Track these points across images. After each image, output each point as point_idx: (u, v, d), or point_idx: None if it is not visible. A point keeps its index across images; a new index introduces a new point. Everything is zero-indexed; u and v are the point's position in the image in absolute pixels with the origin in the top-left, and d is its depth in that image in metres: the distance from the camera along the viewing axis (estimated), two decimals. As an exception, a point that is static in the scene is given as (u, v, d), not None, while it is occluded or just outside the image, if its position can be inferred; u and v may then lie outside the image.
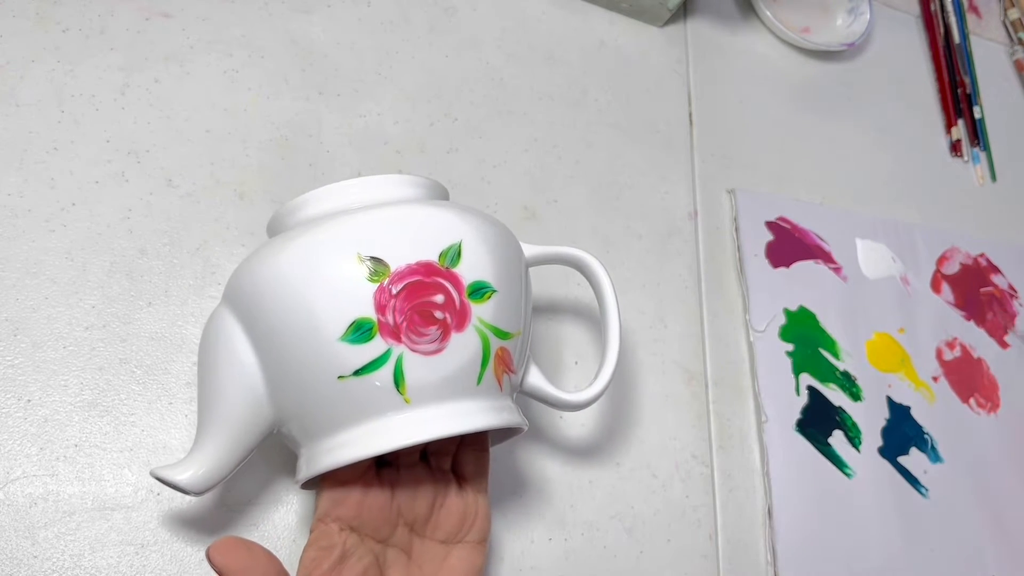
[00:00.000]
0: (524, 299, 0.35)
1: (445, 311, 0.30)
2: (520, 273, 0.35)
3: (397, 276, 0.30)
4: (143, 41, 0.45)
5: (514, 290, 0.33)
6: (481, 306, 0.31)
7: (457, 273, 0.31)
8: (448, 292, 0.31)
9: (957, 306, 0.60)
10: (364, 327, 0.29)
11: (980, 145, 0.68)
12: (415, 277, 0.30)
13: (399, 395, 0.30)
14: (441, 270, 0.30)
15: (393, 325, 0.30)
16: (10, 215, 0.39)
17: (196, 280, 0.41)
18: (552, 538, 0.42)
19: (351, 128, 0.47)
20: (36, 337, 0.37)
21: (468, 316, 0.31)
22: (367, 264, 0.30)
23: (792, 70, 0.64)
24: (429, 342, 0.30)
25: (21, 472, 0.35)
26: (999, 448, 0.56)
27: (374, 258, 0.30)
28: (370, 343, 0.29)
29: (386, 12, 0.52)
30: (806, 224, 0.57)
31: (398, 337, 0.30)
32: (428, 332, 0.30)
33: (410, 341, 0.30)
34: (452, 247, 0.31)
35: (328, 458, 0.30)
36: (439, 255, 0.31)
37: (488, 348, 0.32)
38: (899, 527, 0.49)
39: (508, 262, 0.33)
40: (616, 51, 0.58)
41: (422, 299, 0.30)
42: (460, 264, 0.31)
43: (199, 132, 0.44)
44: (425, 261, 0.30)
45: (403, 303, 0.30)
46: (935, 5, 0.73)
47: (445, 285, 0.31)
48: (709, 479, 0.47)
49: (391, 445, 0.30)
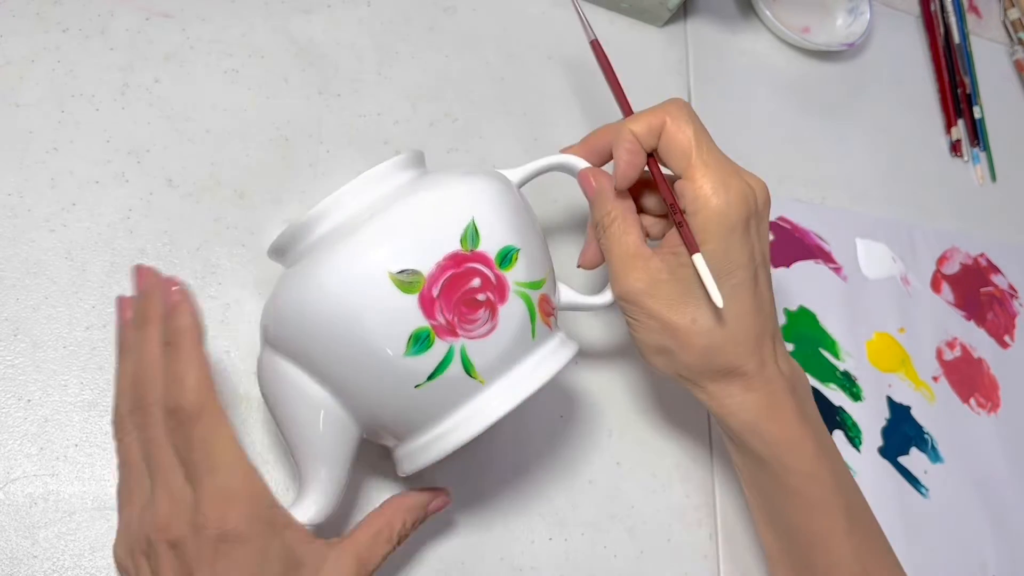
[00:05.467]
0: (538, 236, 0.35)
1: (485, 291, 0.31)
2: (525, 211, 0.35)
3: (432, 278, 0.30)
4: (143, 41, 0.45)
5: (529, 234, 0.34)
6: (513, 270, 0.32)
7: (482, 252, 0.32)
8: (482, 273, 0.31)
9: (957, 306, 0.60)
10: (422, 337, 0.30)
11: (980, 145, 0.68)
12: (448, 272, 0.31)
13: (473, 379, 0.32)
14: (468, 255, 0.31)
15: (446, 324, 0.31)
16: (10, 215, 0.39)
17: (196, 280, 0.41)
18: (552, 538, 0.42)
19: (351, 128, 0.47)
20: (36, 337, 0.37)
21: (506, 286, 0.32)
22: (401, 278, 0.30)
23: (792, 70, 0.64)
24: (482, 325, 0.31)
25: (21, 472, 0.35)
26: (999, 448, 0.56)
27: (404, 271, 0.30)
28: (432, 348, 0.31)
29: (386, 12, 0.52)
30: (806, 224, 0.57)
31: (455, 332, 0.31)
32: (478, 316, 0.31)
33: (465, 332, 0.31)
34: (468, 228, 0.31)
35: (429, 454, 0.33)
36: (460, 241, 0.31)
37: (532, 305, 0.33)
38: (899, 527, 0.49)
39: (514, 210, 0.34)
40: (616, 51, 0.58)
41: (462, 289, 0.31)
42: (481, 241, 0.32)
43: (199, 132, 0.44)
44: (450, 253, 0.31)
45: (447, 300, 0.31)
46: (935, 5, 0.73)
47: (477, 268, 0.31)
48: (709, 479, 0.47)
49: (483, 424, 0.32)
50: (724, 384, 0.37)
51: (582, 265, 0.41)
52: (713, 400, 0.38)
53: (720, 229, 0.35)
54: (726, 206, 0.34)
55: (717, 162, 0.35)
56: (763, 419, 0.37)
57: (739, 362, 0.36)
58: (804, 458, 0.37)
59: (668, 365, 0.38)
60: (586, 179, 0.38)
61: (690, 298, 0.35)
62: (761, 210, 0.36)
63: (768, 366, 0.37)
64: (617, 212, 0.37)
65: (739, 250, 0.35)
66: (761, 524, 0.41)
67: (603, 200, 0.38)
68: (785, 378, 0.38)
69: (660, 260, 0.36)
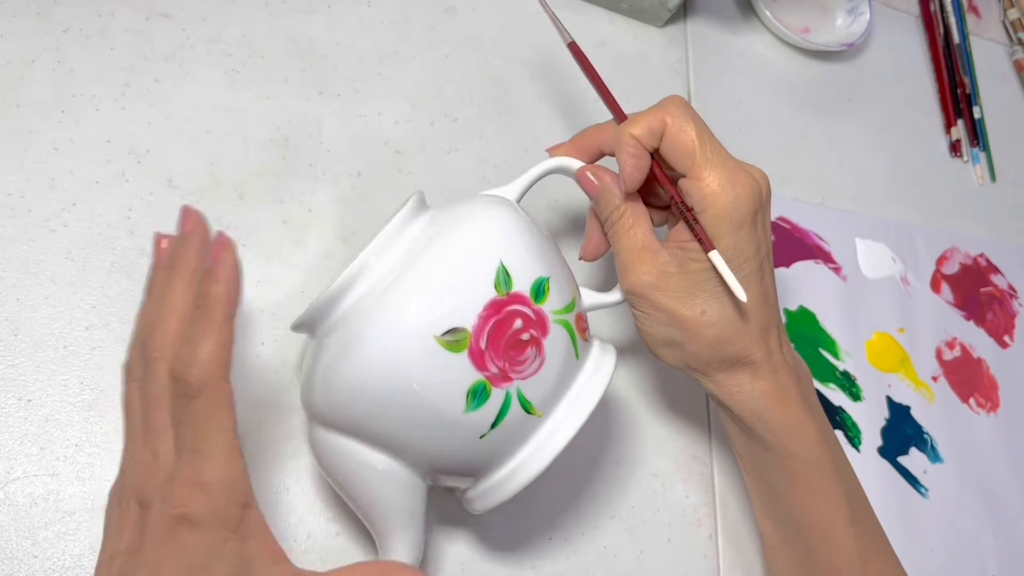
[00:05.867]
0: (556, 253, 0.35)
1: (528, 330, 0.32)
2: (538, 233, 0.35)
3: (477, 331, 0.30)
4: (143, 41, 0.45)
5: (551, 255, 0.34)
6: (548, 301, 0.32)
7: (517, 292, 0.32)
8: (522, 313, 0.32)
9: (957, 306, 0.60)
10: (479, 391, 0.31)
11: (980, 145, 0.68)
12: (491, 321, 0.31)
13: (533, 416, 0.32)
14: (505, 299, 0.31)
15: (499, 372, 0.31)
16: (10, 215, 0.39)
17: (196, 280, 0.41)
18: (552, 538, 0.42)
19: (351, 128, 0.47)
20: (36, 337, 0.37)
21: (546, 319, 0.32)
22: (448, 339, 0.30)
23: (792, 70, 0.64)
24: (531, 363, 0.32)
25: (21, 472, 0.35)
26: (999, 448, 0.56)
27: (449, 331, 0.30)
28: (490, 399, 0.31)
29: (386, 12, 0.52)
30: (806, 224, 0.57)
31: (508, 378, 0.31)
32: (526, 356, 0.31)
33: (518, 375, 0.31)
34: (499, 272, 0.31)
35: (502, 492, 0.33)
36: (495, 287, 0.31)
37: (571, 329, 0.33)
38: (899, 527, 0.49)
39: (532, 237, 0.34)
40: (616, 51, 0.58)
41: (507, 334, 0.31)
42: (513, 282, 0.31)
43: (199, 132, 0.44)
44: (489, 302, 0.31)
45: (495, 348, 0.31)
46: (935, 5, 0.73)
47: (516, 309, 0.31)
48: (709, 479, 0.47)
49: (551, 455, 0.32)
50: (732, 373, 0.38)
51: (584, 257, 0.41)
52: (721, 389, 0.38)
53: (730, 226, 0.35)
54: (734, 202, 0.35)
55: (722, 159, 0.36)
56: (770, 406, 0.37)
57: (747, 352, 0.37)
58: (809, 444, 0.38)
59: (676, 357, 0.38)
60: (586, 178, 0.39)
61: (699, 291, 0.36)
62: (765, 201, 0.37)
63: (774, 355, 0.38)
64: (624, 207, 0.38)
65: (747, 244, 0.36)
66: (762, 513, 0.41)
67: (608, 196, 0.38)
68: (790, 366, 0.38)
69: (668, 254, 0.37)
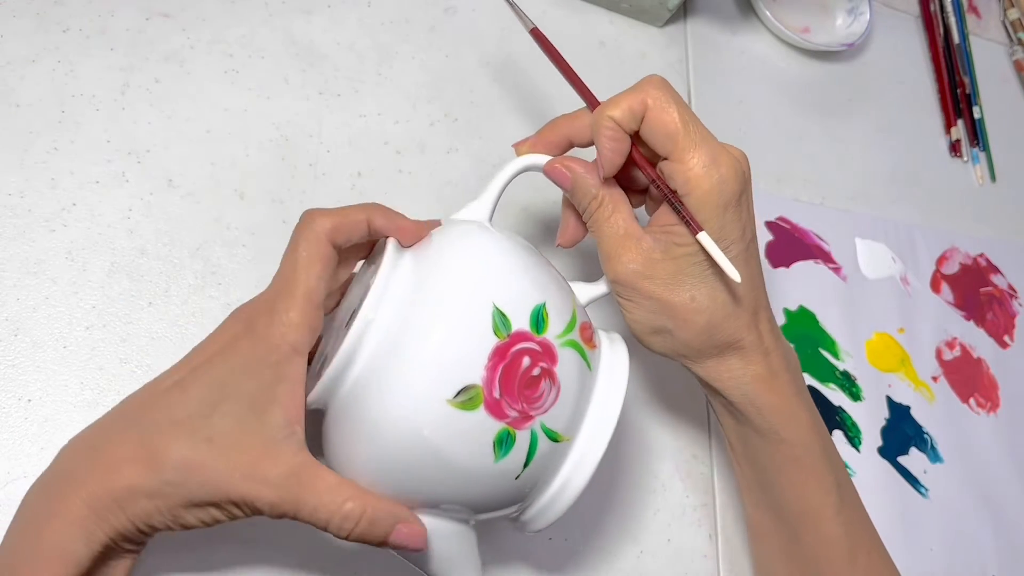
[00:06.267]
0: (544, 268, 0.34)
1: (537, 364, 0.31)
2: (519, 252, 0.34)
3: (488, 383, 0.29)
4: (143, 41, 0.45)
5: (540, 275, 0.33)
6: (550, 327, 0.31)
7: (517, 331, 0.30)
8: (527, 351, 0.30)
9: (957, 306, 0.60)
10: (503, 439, 0.30)
11: (980, 145, 0.68)
12: (499, 368, 0.30)
13: (562, 442, 0.32)
14: (507, 342, 0.30)
15: (519, 414, 0.30)
16: (10, 215, 0.39)
17: (196, 280, 0.41)
18: (552, 538, 0.42)
19: (351, 128, 0.47)
20: (36, 337, 0.37)
21: (551, 347, 0.31)
22: (461, 400, 0.29)
23: (792, 70, 0.64)
24: (548, 396, 0.31)
25: (22, 472, 0.35)
26: (999, 448, 0.56)
27: (460, 392, 0.29)
28: (516, 443, 0.30)
29: (386, 12, 0.52)
30: (806, 224, 0.57)
31: (529, 416, 0.30)
32: (541, 390, 0.31)
33: (538, 411, 0.30)
34: (495, 317, 0.30)
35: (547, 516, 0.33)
36: (494, 333, 0.30)
37: (578, 345, 0.32)
38: (899, 527, 0.49)
39: (518, 261, 0.33)
40: (616, 51, 0.58)
41: (518, 376, 0.30)
42: (511, 321, 0.30)
43: (199, 132, 0.44)
44: (492, 350, 0.30)
45: (510, 394, 0.30)
46: (935, 5, 0.73)
47: (521, 348, 0.30)
48: (709, 479, 0.47)
49: (588, 473, 0.32)
50: (723, 359, 0.37)
51: (561, 244, 0.40)
52: (711, 375, 0.38)
53: (716, 208, 0.34)
54: (719, 183, 0.34)
55: (704, 140, 0.35)
56: (762, 391, 0.37)
57: (738, 336, 0.36)
58: (800, 430, 0.37)
59: (666, 345, 0.37)
60: (556, 170, 0.37)
61: (686, 276, 0.35)
62: (748, 182, 0.36)
63: (765, 338, 0.37)
64: (602, 194, 0.36)
65: (734, 226, 0.35)
66: (749, 500, 0.41)
67: (583, 186, 0.36)
68: (780, 351, 0.38)
69: (652, 239, 0.36)
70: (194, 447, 0.28)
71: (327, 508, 0.29)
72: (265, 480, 0.28)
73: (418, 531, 0.31)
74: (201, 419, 0.29)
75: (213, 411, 0.29)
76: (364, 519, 0.29)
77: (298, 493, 0.29)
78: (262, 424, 0.29)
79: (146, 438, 0.29)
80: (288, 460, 0.29)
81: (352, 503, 0.29)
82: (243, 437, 0.29)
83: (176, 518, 0.29)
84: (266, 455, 0.29)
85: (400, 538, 0.30)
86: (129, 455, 0.28)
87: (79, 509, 0.28)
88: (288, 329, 0.30)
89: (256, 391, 0.29)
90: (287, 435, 0.29)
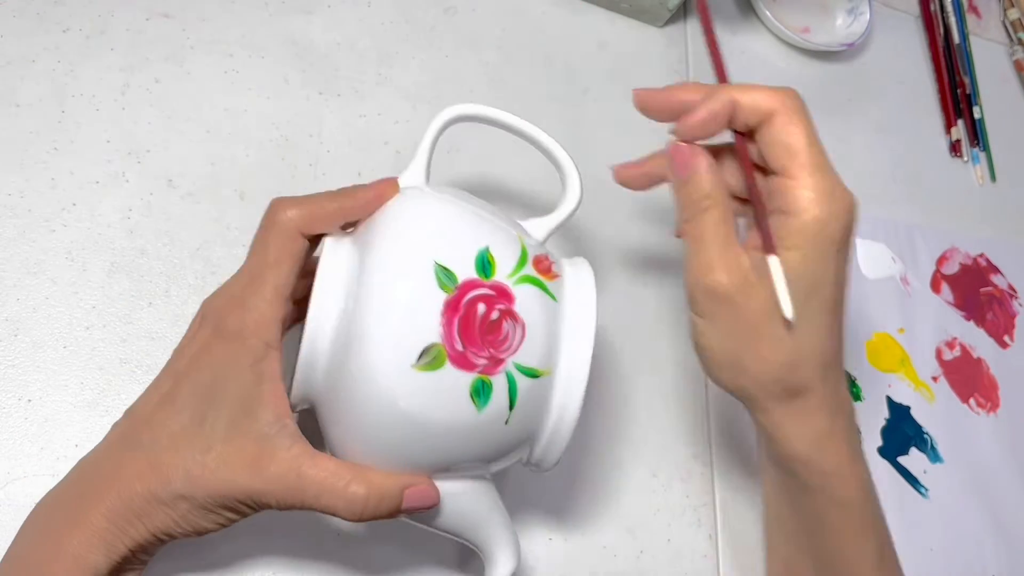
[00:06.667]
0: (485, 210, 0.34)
1: (494, 307, 0.30)
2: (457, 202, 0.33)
3: (448, 338, 0.29)
4: (143, 41, 0.45)
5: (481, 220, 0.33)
6: (498, 269, 0.31)
7: (463, 281, 0.30)
8: (480, 297, 0.30)
9: (957, 306, 0.60)
10: (480, 389, 0.30)
11: (980, 145, 0.68)
12: (454, 320, 0.30)
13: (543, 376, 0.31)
14: (457, 294, 0.30)
15: (489, 360, 0.30)
16: (10, 215, 0.39)
17: (196, 280, 0.41)
18: (552, 538, 0.42)
19: (351, 128, 0.47)
20: (36, 337, 0.37)
21: (504, 287, 0.31)
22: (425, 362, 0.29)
23: (792, 70, 0.64)
24: (514, 335, 0.31)
25: (21, 472, 0.35)
26: (999, 448, 0.56)
27: (422, 354, 0.29)
28: (495, 389, 0.30)
29: (386, 12, 0.52)
30: (806, 224, 0.57)
31: (500, 361, 0.30)
32: (504, 331, 0.30)
33: (507, 352, 0.30)
34: (438, 273, 0.30)
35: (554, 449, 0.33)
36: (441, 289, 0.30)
37: (535, 279, 0.32)
38: (899, 527, 0.49)
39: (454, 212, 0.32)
40: (616, 51, 0.58)
41: (476, 324, 0.30)
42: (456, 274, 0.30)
43: (199, 132, 0.44)
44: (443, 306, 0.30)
45: (473, 344, 0.30)
46: (935, 5, 0.73)
47: (473, 296, 0.30)
48: (709, 479, 0.47)
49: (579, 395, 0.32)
50: (788, 405, 0.35)
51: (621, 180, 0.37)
52: (772, 422, 0.35)
53: (818, 239, 0.32)
54: (829, 216, 0.32)
55: (827, 168, 0.33)
56: (820, 447, 0.35)
57: (811, 383, 0.34)
58: (853, 490, 0.36)
59: (734, 378, 0.35)
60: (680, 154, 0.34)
61: (777, 307, 0.32)
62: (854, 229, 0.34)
63: (835, 390, 0.35)
64: (718, 197, 0.33)
65: (834, 265, 0.33)
66: (778, 542, 0.40)
67: (701, 181, 0.34)
68: (844, 406, 0.36)
69: (750, 260, 0.33)
70: (194, 458, 0.29)
71: (331, 493, 0.30)
72: (266, 477, 0.29)
73: (426, 489, 0.31)
74: (195, 429, 0.30)
75: (204, 420, 0.30)
76: (372, 497, 0.30)
77: (299, 483, 0.29)
78: (253, 424, 0.30)
79: (151, 456, 0.30)
80: (284, 453, 0.30)
81: (355, 484, 0.30)
82: (238, 440, 0.30)
83: (192, 524, 0.30)
84: (263, 453, 0.29)
85: (412, 502, 0.31)
86: (140, 471, 0.30)
87: (100, 522, 0.29)
88: (260, 327, 0.31)
89: (241, 393, 0.30)
90: (279, 430, 0.30)
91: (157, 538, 0.30)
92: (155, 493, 0.29)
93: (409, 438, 0.30)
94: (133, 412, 0.32)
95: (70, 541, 0.29)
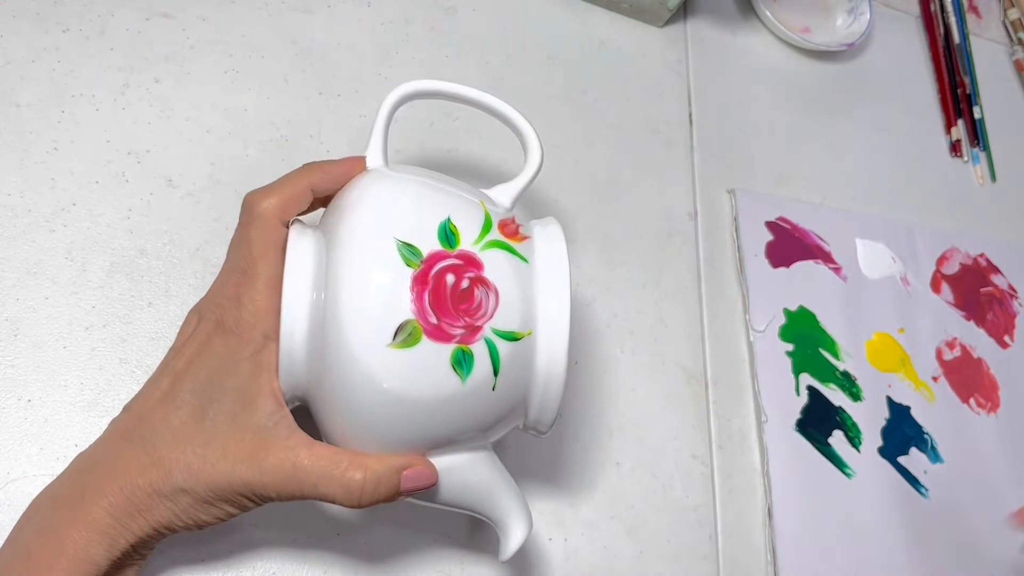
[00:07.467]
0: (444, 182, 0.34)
1: (463, 276, 0.31)
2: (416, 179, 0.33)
3: (420, 313, 0.29)
4: (143, 41, 0.45)
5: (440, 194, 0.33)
6: (463, 238, 0.31)
7: (429, 254, 0.30)
8: (447, 268, 0.30)
9: (957, 306, 0.60)
10: (461, 359, 0.30)
11: (980, 145, 0.69)
12: (424, 295, 0.30)
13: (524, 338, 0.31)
14: (423, 267, 0.30)
15: (465, 329, 0.30)
16: (10, 215, 0.39)
17: (196, 280, 0.41)
18: (552, 538, 0.42)
19: (351, 128, 0.47)
20: (36, 337, 0.37)
21: (471, 255, 0.31)
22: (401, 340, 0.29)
23: (792, 70, 0.64)
24: (487, 302, 0.31)
25: (21, 472, 0.35)
26: (999, 448, 0.56)
27: (396, 332, 0.29)
28: (476, 357, 0.30)
29: (386, 12, 0.52)
30: (806, 224, 0.57)
31: (477, 328, 0.30)
32: (477, 298, 0.30)
33: (484, 319, 0.30)
34: (400, 249, 0.30)
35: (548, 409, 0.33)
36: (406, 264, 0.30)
37: (503, 243, 0.32)
38: (899, 527, 0.49)
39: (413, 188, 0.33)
40: (616, 51, 0.58)
41: (447, 294, 0.30)
42: (419, 249, 0.30)
43: (199, 132, 0.44)
44: (411, 281, 0.30)
45: (447, 315, 0.30)
46: (935, 5, 0.73)
47: (440, 268, 0.30)
48: (709, 479, 0.47)
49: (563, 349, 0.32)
50: None
51: None
52: None
53: None
54: None
55: None
56: None
57: None
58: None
59: None
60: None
61: None
62: None
63: None
64: None
65: None
66: None
67: None
68: None
69: None
70: (195, 452, 0.30)
71: (328, 481, 0.30)
72: (265, 468, 0.30)
73: (422, 470, 0.31)
74: (195, 424, 0.30)
75: (204, 415, 0.30)
76: (369, 481, 0.30)
77: (297, 473, 0.30)
78: (252, 416, 0.30)
79: (152, 450, 0.30)
80: (282, 444, 0.30)
81: (352, 470, 0.30)
82: (237, 433, 0.30)
83: (193, 518, 0.30)
84: (261, 445, 0.30)
85: (410, 483, 0.31)
86: (142, 465, 0.30)
87: (101, 517, 0.29)
88: (257, 319, 0.31)
89: (240, 386, 0.30)
90: (276, 421, 0.30)
91: (158, 532, 0.30)
92: (156, 487, 0.29)
93: (399, 418, 0.30)
94: (132, 408, 0.32)
95: (71, 536, 0.29)
